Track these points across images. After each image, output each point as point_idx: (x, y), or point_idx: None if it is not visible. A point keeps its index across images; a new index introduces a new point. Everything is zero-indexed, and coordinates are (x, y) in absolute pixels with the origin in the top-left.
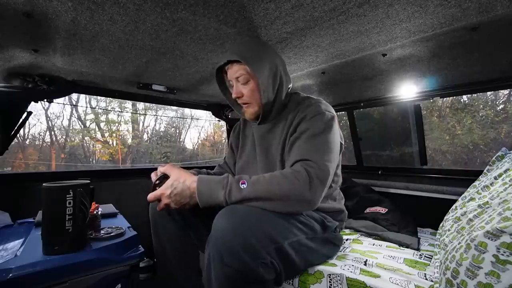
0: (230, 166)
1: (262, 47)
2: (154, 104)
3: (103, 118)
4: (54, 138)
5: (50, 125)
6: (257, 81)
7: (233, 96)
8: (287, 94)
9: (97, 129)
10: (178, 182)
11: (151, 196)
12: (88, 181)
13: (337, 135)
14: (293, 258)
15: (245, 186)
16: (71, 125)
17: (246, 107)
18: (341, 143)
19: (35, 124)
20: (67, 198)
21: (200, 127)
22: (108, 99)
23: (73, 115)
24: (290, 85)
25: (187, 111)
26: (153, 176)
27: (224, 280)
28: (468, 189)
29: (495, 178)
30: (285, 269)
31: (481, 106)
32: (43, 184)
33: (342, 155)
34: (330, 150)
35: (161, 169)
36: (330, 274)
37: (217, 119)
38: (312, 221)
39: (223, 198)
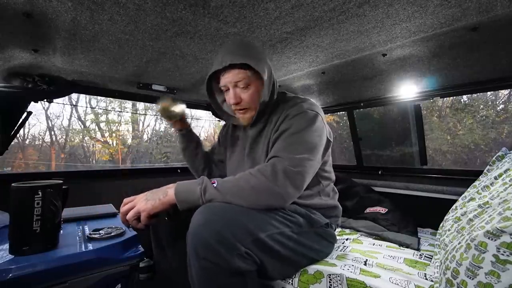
0: (213, 159)
1: (257, 48)
2: (154, 104)
3: (103, 118)
4: (54, 138)
5: (50, 125)
6: (257, 84)
7: (232, 102)
8: (277, 95)
9: (97, 129)
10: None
11: (125, 211)
12: (61, 182)
13: (320, 132)
14: (278, 249)
15: (215, 185)
16: (71, 125)
17: (243, 113)
18: (329, 140)
19: (35, 124)
20: (36, 199)
21: (200, 127)
22: (108, 99)
23: (73, 115)
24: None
25: (187, 111)
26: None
27: (202, 274)
28: (468, 189)
29: (495, 178)
30: (269, 260)
31: (481, 106)
32: (12, 184)
33: (342, 154)
34: (308, 146)
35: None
36: (330, 274)
37: (217, 119)
38: (297, 216)
39: (199, 192)
